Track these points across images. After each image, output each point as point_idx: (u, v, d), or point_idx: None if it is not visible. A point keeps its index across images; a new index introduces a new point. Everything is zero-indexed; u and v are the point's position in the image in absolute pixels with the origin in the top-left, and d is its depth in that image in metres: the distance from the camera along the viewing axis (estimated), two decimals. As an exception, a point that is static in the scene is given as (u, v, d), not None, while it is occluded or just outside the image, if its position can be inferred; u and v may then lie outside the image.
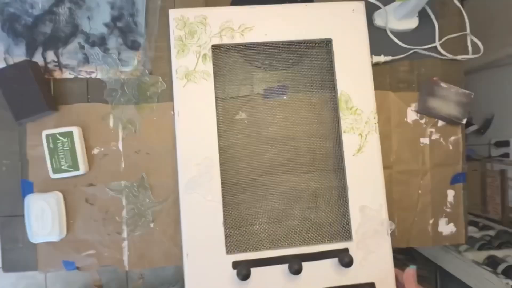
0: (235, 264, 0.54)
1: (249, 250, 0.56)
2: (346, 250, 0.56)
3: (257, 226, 0.59)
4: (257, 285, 0.54)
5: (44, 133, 0.56)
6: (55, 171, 0.57)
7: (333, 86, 0.61)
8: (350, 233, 0.57)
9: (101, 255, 0.59)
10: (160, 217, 0.60)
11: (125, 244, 0.60)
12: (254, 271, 0.53)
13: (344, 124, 0.59)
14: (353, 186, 0.58)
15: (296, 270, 0.52)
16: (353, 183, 0.58)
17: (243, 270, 0.51)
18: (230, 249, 0.56)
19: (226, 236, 0.55)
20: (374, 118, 0.59)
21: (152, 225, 0.60)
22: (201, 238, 0.55)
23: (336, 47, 0.60)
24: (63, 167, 0.57)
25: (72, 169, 0.57)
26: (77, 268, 0.59)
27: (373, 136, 0.59)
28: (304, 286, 0.55)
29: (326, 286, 0.55)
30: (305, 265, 0.54)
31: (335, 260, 0.55)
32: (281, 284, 0.55)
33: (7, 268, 0.59)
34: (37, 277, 0.65)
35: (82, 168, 0.57)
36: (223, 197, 0.56)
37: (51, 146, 0.56)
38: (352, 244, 0.56)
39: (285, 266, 0.54)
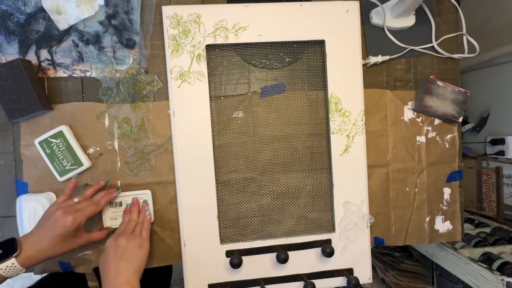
0: (228, 253, 0.59)
1: (241, 240, 0.60)
2: (329, 241, 0.61)
3: (249, 219, 0.62)
4: (248, 272, 0.60)
5: (36, 141, 0.56)
6: (61, 173, 0.56)
7: (324, 87, 0.61)
8: (333, 225, 0.62)
9: (97, 255, 0.59)
10: (155, 217, 0.60)
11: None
12: (245, 259, 0.58)
13: (333, 125, 0.61)
14: (338, 184, 0.61)
15: (283, 260, 0.57)
16: (338, 181, 0.61)
17: (235, 258, 0.56)
18: (224, 240, 0.60)
19: (220, 228, 0.60)
20: (362, 120, 0.61)
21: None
22: (197, 230, 0.58)
23: (329, 49, 0.60)
24: (67, 168, 0.56)
25: (76, 166, 0.56)
26: (73, 269, 0.59)
27: (360, 137, 0.61)
28: (290, 272, 0.60)
29: (310, 271, 0.61)
30: (292, 253, 0.59)
31: (319, 249, 0.60)
32: (270, 271, 0.60)
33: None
34: (33, 277, 0.65)
35: (85, 162, 0.57)
36: (217, 192, 0.59)
37: (48, 151, 0.56)
38: (335, 235, 0.61)
39: (274, 254, 0.59)
